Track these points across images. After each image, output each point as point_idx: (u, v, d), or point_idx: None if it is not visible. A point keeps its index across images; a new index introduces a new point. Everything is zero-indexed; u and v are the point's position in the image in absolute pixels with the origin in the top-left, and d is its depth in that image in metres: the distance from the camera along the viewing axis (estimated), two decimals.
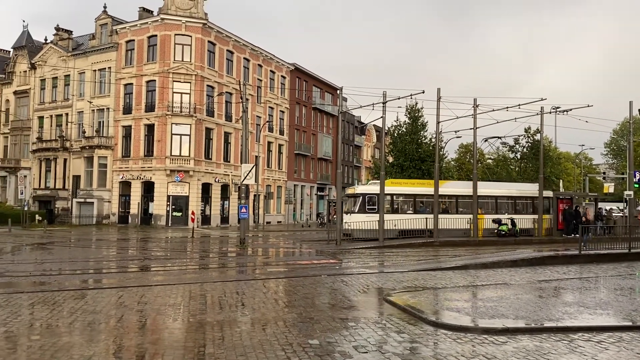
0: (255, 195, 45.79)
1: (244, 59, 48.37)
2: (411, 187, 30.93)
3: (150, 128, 42.78)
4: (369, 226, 26.97)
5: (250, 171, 25.16)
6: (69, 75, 47.90)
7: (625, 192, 33.12)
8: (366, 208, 28.32)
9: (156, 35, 42.77)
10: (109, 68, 45.26)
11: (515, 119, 29.62)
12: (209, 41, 43.72)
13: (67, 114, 48.11)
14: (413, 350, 7.14)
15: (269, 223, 49.39)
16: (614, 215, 38.98)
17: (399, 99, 26.54)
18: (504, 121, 29.53)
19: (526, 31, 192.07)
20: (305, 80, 59.39)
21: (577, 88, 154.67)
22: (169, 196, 41.80)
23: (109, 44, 45.47)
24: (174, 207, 41.98)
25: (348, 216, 28.85)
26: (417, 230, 28.25)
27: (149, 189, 42.76)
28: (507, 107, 27.75)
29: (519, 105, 27.43)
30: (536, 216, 30.76)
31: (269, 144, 52.70)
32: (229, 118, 46.13)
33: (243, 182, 25.75)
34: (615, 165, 77.93)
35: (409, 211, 29.78)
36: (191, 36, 42.46)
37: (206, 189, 43.73)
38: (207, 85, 43.36)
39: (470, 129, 29.31)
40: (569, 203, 32.44)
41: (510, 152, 55.80)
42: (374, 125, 77.40)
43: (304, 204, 59.78)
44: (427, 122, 44.45)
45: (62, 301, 10.35)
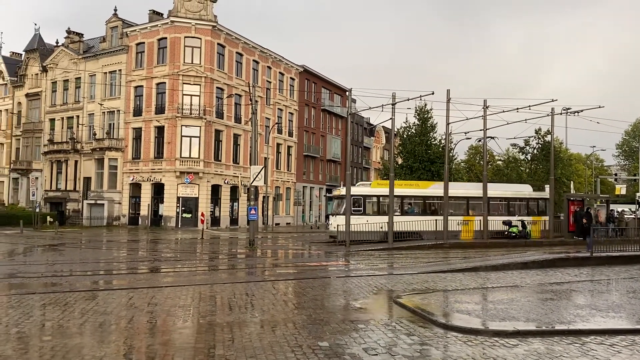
0: (264, 197, 45.87)
1: (253, 61, 48.53)
2: (398, 188, 30.31)
3: (160, 130, 43.03)
4: (354, 228, 26.55)
5: (259, 173, 25.20)
6: (79, 77, 48.32)
7: (638, 194, 32.92)
8: (352, 210, 27.59)
9: (166, 38, 43.02)
10: (120, 70, 45.57)
11: (526, 120, 29.46)
12: (218, 43, 43.91)
13: (78, 116, 48.51)
14: (423, 353, 7.10)
15: (278, 224, 49.44)
16: (626, 217, 38.58)
17: (408, 100, 26.40)
18: (514, 122, 29.36)
19: (537, 32, 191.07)
20: (314, 81, 59.45)
21: (588, 89, 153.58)
22: (178, 198, 42.00)
23: (119, 46, 45.80)
24: (183, 208, 42.17)
25: (334, 218, 28.66)
26: (405, 232, 27.39)
27: (159, 190, 42.98)
28: (517, 108, 27.62)
29: (529, 106, 27.28)
30: (530, 218, 30.44)
31: (278, 145, 52.80)
32: (238, 120, 46.28)
33: (252, 184, 25.80)
34: (627, 167, 77.21)
35: (396, 213, 29.11)
36: (201, 38, 42.66)
37: (215, 190, 43.88)
38: (217, 87, 43.54)
39: (480, 130, 29.23)
40: (580, 205, 32.20)
41: (521, 154, 55.42)
42: (383, 127, 77.29)
43: (312, 205, 59.80)
44: (436, 124, 44.35)
45: (73, 302, 10.42)
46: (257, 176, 25.09)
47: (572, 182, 52.87)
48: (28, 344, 7.51)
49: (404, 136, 44.56)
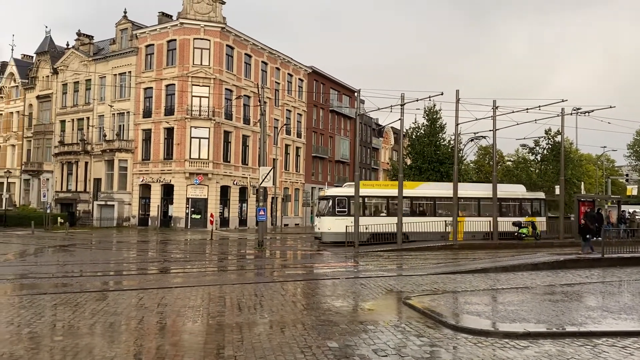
0: (273, 198, 45.92)
1: (262, 62, 48.63)
2: (384, 189, 30.08)
3: (169, 131, 43.24)
4: (338, 229, 26.42)
5: (268, 174, 25.24)
6: (90, 79, 48.68)
7: None
8: (336, 211, 27.38)
9: (175, 40, 43.23)
10: (129, 72, 45.84)
11: (536, 120, 29.27)
12: (227, 45, 44.05)
13: (88, 118, 48.85)
14: (433, 354, 7.08)
15: (286, 225, 49.48)
16: (637, 218, 38.24)
17: (417, 100, 26.34)
18: (523, 123, 29.19)
19: (546, 32, 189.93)
20: (322, 82, 59.47)
21: (598, 88, 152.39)
22: (188, 199, 42.17)
23: (129, 48, 46.08)
24: (193, 209, 42.33)
25: (318, 219, 28.51)
26: (391, 234, 26.70)
27: (168, 191, 43.19)
28: (527, 109, 27.48)
29: (539, 106, 27.14)
30: (522, 218, 29.99)
31: (287, 146, 52.86)
32: (247, 121, 46.40)
33: (261, 185, 25.85)
34: (639, 167, 76.49)
35: (382, 214, 29.06)
36: (210, 40, 42.83)
37: (224, 191, 44.01)
38: (226, 89, 43.68)
39: (490, 130, 29.08)
40: (590, 206, 31.94)
41: (531, 154, 55.17)
42: (392, 128, 77.16)
43: None
44: (445, 124, 44.17)
45: (83, 302, 10.49)
46: (265, 177, 25.14)
47: (582, 182, 52.47)
48: (40, 344, 7.56)
49: (413, 137, 44.44)
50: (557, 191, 33.93)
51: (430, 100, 27.47)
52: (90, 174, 48.06)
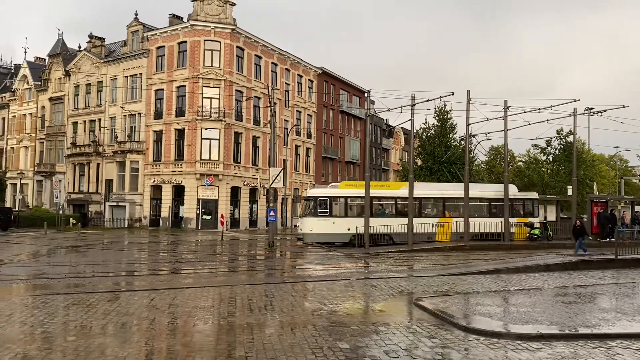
0: (283, 199, 46.00)
1: (272, 63, 48.74)
2: (372, 189, 29.64)
3: (180, 133, 43.45)
4: (320, 230, 26.24)
5: (278, 175, 25.27)
6: (101, 81, 49.08)
7: None
8: (318, 212, 26.94)
9: (186, 41, 43.46)
10: (140, 74, 46.17)
11: (547, 120, 29.04)
12: (237, 46, 44.20)
13: (100, 120, 49.26)
14: (444, 356, 7.04)
15: (296, 226, 49.41)
16: None
17: (427, 101, 26.20)
18: (535, 123, 28.93)
19: (558, 31, 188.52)
20: (332, 83, 59.46)
21: (611, 88, 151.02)
22: (198, 200, 42.36)
23: (140, 50, 46.39)
24: (203, 210, 42.53)
25: (301, 220, 28.34)
26: (375, 235, 25.93)
27: (179, 192, 43.40)
28: (538, 109, 27.29)
29: (550, 106, 26.93)
30: (515, 219, 29.43)
31: (297, 147, 52.91)
32: (257, 122, 46.53)
33: (271, 186, 25.88)
34: None
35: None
36: (220, 42, 43.00)
37: (235, 192, 44.15)
38: (236, 90, 43.83)
39: (501, 131, 28.94)
40: (603, 206, 31.65)
41: (542, 155, 54.79)
42: (402, 128, 76.94)
43: None
44: (456, 125, 44.01)
45: (96, 303, 10.56)
46: (276, 178, 25.17)
47: (595, 183, 52.00)
48: (52, 343, 7.63)
49: (423, 137, 44.33)
50: (570, 192, 33.57)
51: (440, 100, 27.32)
52: (102, 175, 48.46)
